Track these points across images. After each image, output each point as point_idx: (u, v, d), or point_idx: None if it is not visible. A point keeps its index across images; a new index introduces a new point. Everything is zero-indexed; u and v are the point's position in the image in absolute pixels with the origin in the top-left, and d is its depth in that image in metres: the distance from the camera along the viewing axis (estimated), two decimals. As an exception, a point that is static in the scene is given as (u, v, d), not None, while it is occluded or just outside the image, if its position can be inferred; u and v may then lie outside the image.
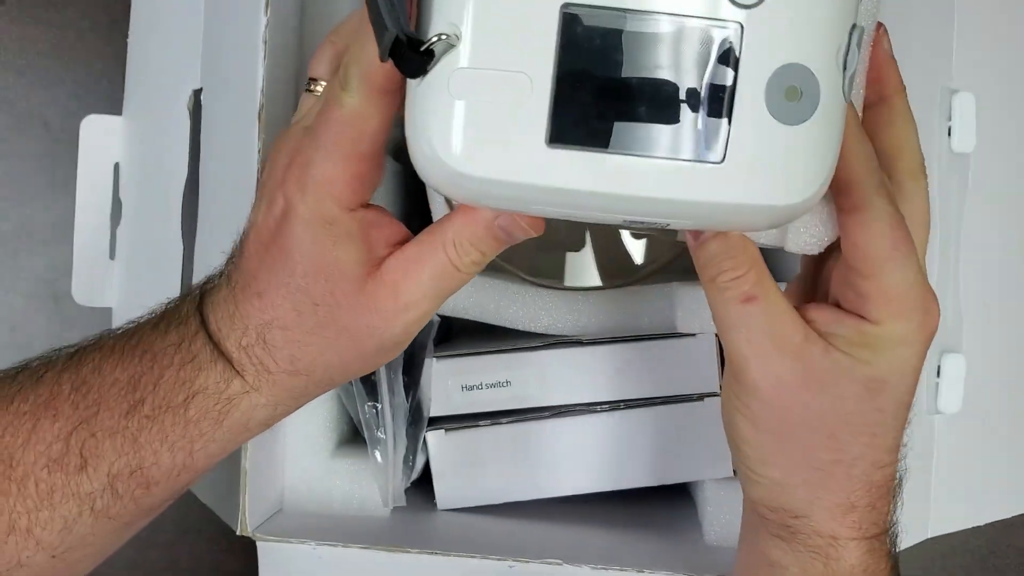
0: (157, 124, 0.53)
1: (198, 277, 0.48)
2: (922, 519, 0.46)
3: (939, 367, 0.45)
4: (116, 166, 0.55)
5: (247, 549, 0.68)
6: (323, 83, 0.36)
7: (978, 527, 0.66)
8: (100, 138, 0.55)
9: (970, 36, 0.46)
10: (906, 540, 0.45)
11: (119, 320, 0.54)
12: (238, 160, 0.43)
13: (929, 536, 0.46)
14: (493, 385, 0.46)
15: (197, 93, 0.50)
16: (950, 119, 0.45)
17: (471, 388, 0.47)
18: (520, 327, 0.48)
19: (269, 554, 0.44)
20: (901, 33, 0.42)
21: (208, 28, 0.50)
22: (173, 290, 0.50)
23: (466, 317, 0.48)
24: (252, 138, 0.42)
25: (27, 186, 0.67)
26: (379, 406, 0.45)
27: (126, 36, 0.57)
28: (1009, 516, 0.49)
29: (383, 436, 0.45)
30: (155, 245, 0.52)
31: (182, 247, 0.50)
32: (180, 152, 0.51)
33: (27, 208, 0.67)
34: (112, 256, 0.55)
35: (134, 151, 0.55)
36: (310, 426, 0.48)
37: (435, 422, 0.48)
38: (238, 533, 0.43)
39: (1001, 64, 0.47)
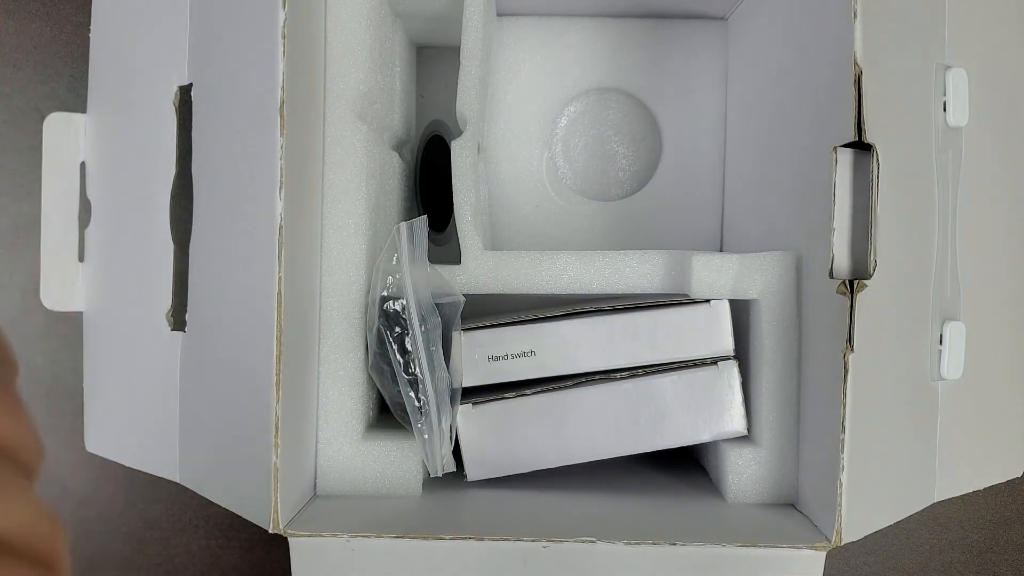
0: (129, 121, 0.52)
1: (194, 277, 0.48)
2: (928, 484, 0.47)
3: (941, 335, 0.46)
4: (82, 165, 0.54)
5: (245, 544, 0.68)
6: None
7: (976, 523, 0.68)
8: (65, 136, 0.54)
9: (960, 14, 0.48)
10: (914, 505, 0.46)
11: (91, 324, 0.53)
12: (254, 157, 0.43)
13: (936, 500, 0.47)
14: (518, 355, 0.47)
15: (185, 89, 0.49)
16: (944, 95, 0.46)
17: (497, 359, 0.47)
18: (545, 291, 0.49)
19: (301, 550, 0.44)
20: (899, 14, 0.44)
21: (198, 24, 0.49)
22: (156, 291, 0.50)
23: (490, 292, 0.49)
24: (273, 135, 0.42)
25: (24, 181, 0.66)
26: (421, 382, 0.46)
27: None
28: (1010, 479, 0.51)
29: (427, 409, 0.46)
30: (133, 246, 0.51)
31: (172, 247, 0.49)
32: (159, 149, 0.50)
33: (24, 203, 0.66)
34: (81, 258, 0.54)
35: (103, 149, 0.53)
36: (342, 411, 0.48)
37: (462, 395, 0.49)
38: (270, 531, 0.43)
39: (990, 40, 0.49)
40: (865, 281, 0.41)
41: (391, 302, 0.47)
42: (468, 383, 0.48)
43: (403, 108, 0.62)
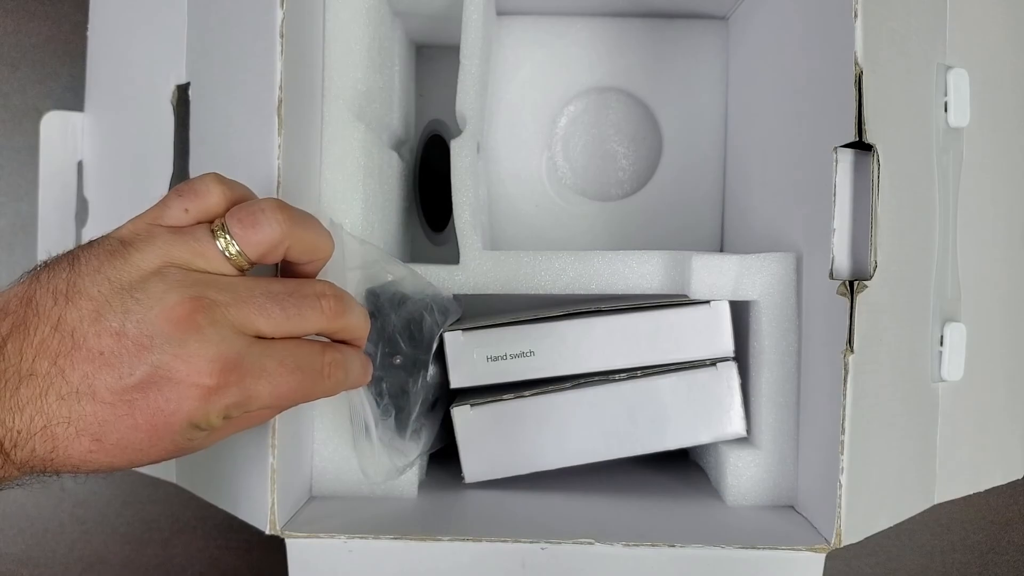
0: (127, 120, 0.52)
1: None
2: (929, 486, 0.47)
3: (942, 336, 0.46)
4: (79, 164, 0.54)
5: (244, 546, 0.68)
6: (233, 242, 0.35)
7: (977, 524, 0.68)
8: (62, 135, 0.54)
9: (961, 14, 0.48)
10: (915, 507, 0.46)
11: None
12: (251, 156, 0.43)
13: (936, 502, 0.47)
14: (517, 355, 0.47)
15: (182, 88, 0.49)
16: (946, 95, 0.46)
17: (496, 359, 0.47)
18: (544, 291, 0.49)
19: (298, 551, 0.43)
20: (900, 14, 0.44)
21: (196, 23, 0.49)
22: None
23: (489, 292, 0.49)
24: (270, 134, 0.42)
25: (23, 181, 0.66)
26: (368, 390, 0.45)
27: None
28: (1011, 480, 0.50)
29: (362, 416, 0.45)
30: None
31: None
32: (157, 148, 0.50)
33: (23, 203, 0.66)
34: (79, 258, 0.54)
35: (101, 148, 0.53)
36: (339, 412, 0.48)
37: (461, 396, 0.48)
38: (267, 532, 0.42)
39: (991, 40, 0.49)
40: (865, 282, 0.41)
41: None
42: (467, 384, 0.47)
43: (402, 107, 0.62)
